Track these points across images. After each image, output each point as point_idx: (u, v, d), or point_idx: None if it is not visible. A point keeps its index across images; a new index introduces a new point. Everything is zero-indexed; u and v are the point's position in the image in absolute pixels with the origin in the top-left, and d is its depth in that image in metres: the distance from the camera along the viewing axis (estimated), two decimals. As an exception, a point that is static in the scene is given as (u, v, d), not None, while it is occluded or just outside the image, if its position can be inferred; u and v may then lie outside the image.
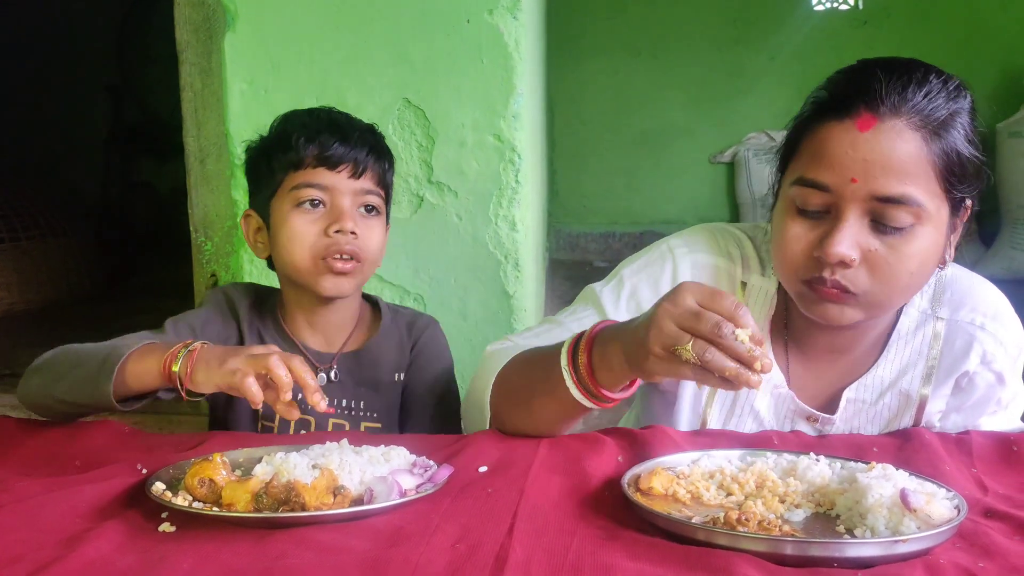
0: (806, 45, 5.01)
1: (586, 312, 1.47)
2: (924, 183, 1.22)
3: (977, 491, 1.15)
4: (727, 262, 1.45)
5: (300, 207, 1.58)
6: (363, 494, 1.09)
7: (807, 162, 1.27)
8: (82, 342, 1.47)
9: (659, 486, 1.10)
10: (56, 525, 1.02)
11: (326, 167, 1.57)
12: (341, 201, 1.58)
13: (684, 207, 5.44)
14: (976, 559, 0.94)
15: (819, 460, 1.16)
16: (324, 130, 1.59)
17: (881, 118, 1.21)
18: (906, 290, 1.28)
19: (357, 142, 1.60)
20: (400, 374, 1.73)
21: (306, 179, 1.58)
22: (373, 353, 1.71)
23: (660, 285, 1.44)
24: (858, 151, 1.21)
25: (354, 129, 1.62)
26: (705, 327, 1.05)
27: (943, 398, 1.42)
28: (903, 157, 1.20)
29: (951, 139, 1.23)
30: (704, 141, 5.33)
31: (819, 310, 1.28)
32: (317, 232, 1.57)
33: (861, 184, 1.21)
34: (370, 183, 1.61)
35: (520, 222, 2.20)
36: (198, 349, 1.31)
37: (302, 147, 1.57)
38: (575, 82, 5.28)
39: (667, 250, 1.47)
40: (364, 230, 1.60)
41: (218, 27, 2.26)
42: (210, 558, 0.94)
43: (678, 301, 1.08)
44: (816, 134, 1.26)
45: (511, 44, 2.12)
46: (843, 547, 0.94)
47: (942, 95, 1.23)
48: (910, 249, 1.23)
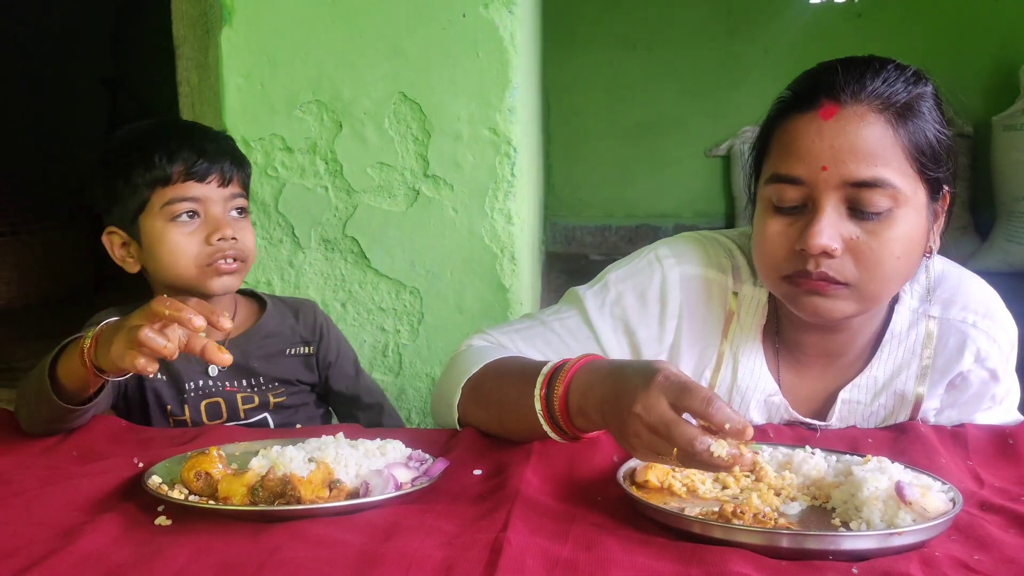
0: (800, 38, 5.01)
1: (570, 314, 1.46)
2: (896, 165, 1.22)
3: (973, 484, 1.15)
4: (717, 273, 1.44)
5: (176, 221, 1.62)
6: (359, 487, 1.09)
7: (778, 159, 1.28)
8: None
9: (654, 479, 1.10)
10: (52, 518, 1.02)
11: (195, 180, 1.62)
12: (215, 210, 1.64)
13: (680, 200, 5.44)
14: (972, 552, 0.95)
15: (815, 453, 1.16)
16: (185, 145, 1.62)
17: (843, 105, 1.22)
18: (894, 276, 1.27)
19: (218, 152, 1.65)
20: (297, 348, 1.80)
21: (177, 194, 1.61)
22: (262, 331, 1.76)
23: (647, 295, 1.43)
24: (824, 139, 1.22)
25: (211, 140, 1.68)
26: (680, 444, 0.98)
27: (938, 397, 1.42)
28: (870, 140, 1.21)
29: (918, 121, 1.24)
30: (699, 134, 5.33)
31: (809, 305, 1.27)
32: (198, 243, 1.62)
33: (832, 171, 1.22)
34: (237, 187, 1.68)
35: (516, 215, 2.20)
36: (100, 331, 1.23)
37: (167, 164, 1.61)
38: (570, 75, 5.27)
39: (655, 259, 1.45)
40: (240, 232, 1.65)
41: (215, 22, 2.26)
42: (206, 551, 0.94)
43: (650, 406, 1.01)
44: (783, 131, 1.28)
45: (506, 38, 2.12)
46: (839, 540, 0.94)
47: (900, 80, 1.24)
48: (891, 233, 1.23)
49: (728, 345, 1.43)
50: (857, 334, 1.40)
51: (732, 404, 1.42)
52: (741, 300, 1.43)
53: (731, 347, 1.43)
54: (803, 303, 1.28)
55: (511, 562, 0.89)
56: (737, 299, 1.43)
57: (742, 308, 1.43)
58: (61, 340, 1.31)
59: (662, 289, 1.43)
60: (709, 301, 1.43)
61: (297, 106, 2.19)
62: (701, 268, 1.44)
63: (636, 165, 5.44)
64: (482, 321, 2.23)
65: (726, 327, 1.43)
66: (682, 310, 1.42)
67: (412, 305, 2.23)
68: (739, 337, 1.43)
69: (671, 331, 1.43)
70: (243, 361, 1.72)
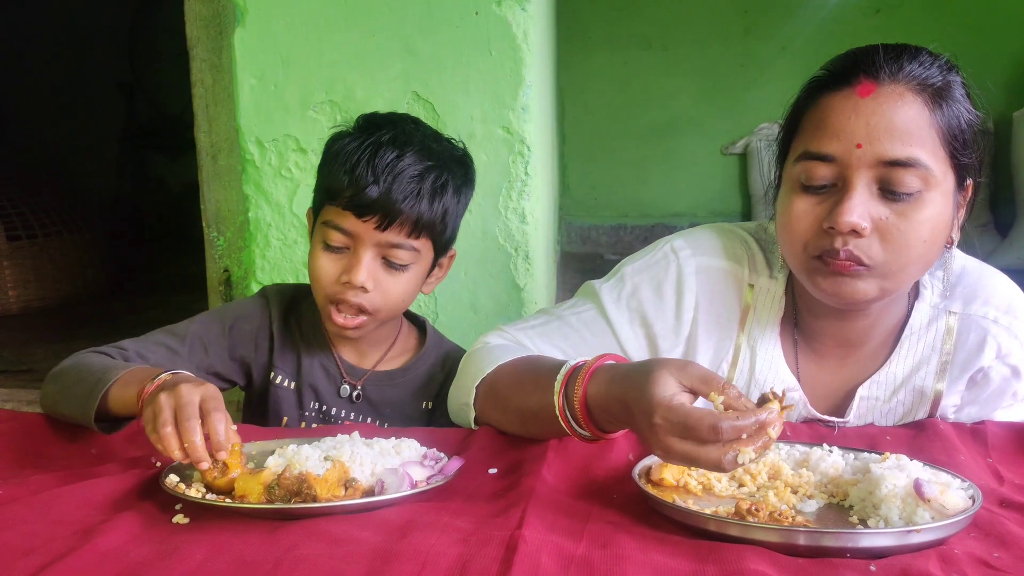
0: (817, 35, 4.98)
1: (586, 307, 1.46)
2: (930, 147, 1.21)
3: (993, 481, 1.14)
4: (734, 265, 1.43)
5: (325, 244, 1.53)
6: (374, 486, 1.09)
7: (810, 136, 1.26)
8: (97, 337, 1.48)
9: (670, 477, 1.10)
10: (70, 517, 1.03)
11: (354, 213, 1.48)
12: (362, 252, 1.50)
13: (695, 199, 5.42)
14: (991, 549, 0.94)
15: (832, 451, 1.15)
16: (365, 172, 1.47)
17: (880, 83, 1.22)
18: (918, 260, 1.26)
19: (396, 192, 1.47)
20: (428, 403, 1.70)
21: (334, 219, 1.51)
22: (407, 377, 1.68)
23: (663, 287, 1.43)
24: (860, 116, 1.21)
25: (397, 174, 1.48)
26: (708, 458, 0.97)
27: (958, 393, 1.40)
28: (906, 120, 1.21)
29: (952, 105, 1.23)
30: (715, 132, 5.30)
31: (832, 286, 1.26)
32: (334, 274, 1.52)
33: (866, 149, 1.21)
34: (400, 235, 1.50)
35: (530, 215, 2.20)
36: (162, 380, 1.22)
37: (340, 179, 1.49)
38: (584, 74, 5.26)
39: (671, 251, 1.45)
40: (383, 283, 1.53)
41: (228, 23, 2.26)
42: (223, 549, 0.94)
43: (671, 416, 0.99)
44: (817, 108, 1.26)
45: (520, 36, 2.12)
46: (856, 537, 0.93)
47: (936, 65, 1.24)
48: (920, 216, 1.22)
49: (745, 338, 1.42)
50: (876, 323, 1.38)
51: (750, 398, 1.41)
52: (757, 292, 1.42)
53: (748, 340, 1.42)
54: (826, 284, 1.26)
55: (526, 559, 0.89)
56: (753, 291, 1.42)
57: (758, 300, 1.42)
58: (79, 342, 1.32)
59: (678, 281, 1.42)
60: (726, 293, 1.42)
61: (310, 106, 2.19)
62: (717, 259, 1.43)
63: (651, 164, 5.42)
64: (496, 321, 2.23)
65: (743, 319, 1.42)
66: (698, 302, 1.42)
67: (427, 304, 2.23)
68: (756, 330, 1.42)
69: (687, 323, 1.42)
70: (377, 403, 1.66)
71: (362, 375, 1.67)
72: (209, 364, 1.61)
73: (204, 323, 1.63)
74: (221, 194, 2.42)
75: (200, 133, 2.43)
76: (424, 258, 1.56)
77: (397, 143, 1.50)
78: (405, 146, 1.50)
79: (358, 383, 1.66)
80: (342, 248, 1.52)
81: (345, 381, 1.65)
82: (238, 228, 2.40)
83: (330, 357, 1.67)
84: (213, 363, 1.62)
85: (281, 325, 1.67)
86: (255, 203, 2.24)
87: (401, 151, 1.49)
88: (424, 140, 1.54)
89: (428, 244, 1.55)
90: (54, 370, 1.45)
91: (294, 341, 1.67)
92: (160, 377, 1.23)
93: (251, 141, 2.21)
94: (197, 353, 1.59)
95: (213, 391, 1.16)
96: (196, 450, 1.09)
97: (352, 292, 1.51)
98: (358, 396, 1.65)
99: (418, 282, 1.58)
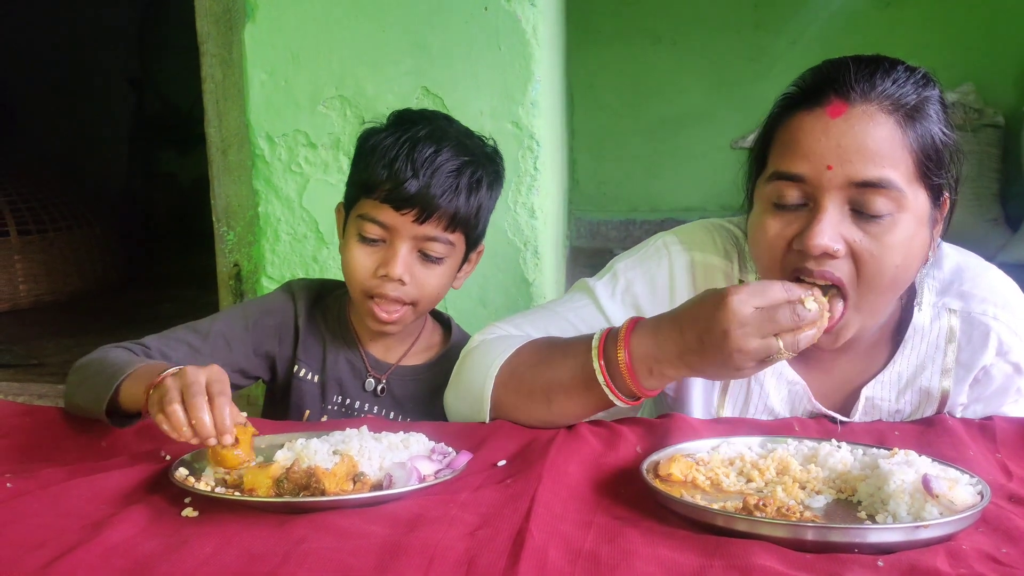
0: (828, 28, 4.95)
1: (582, 302, 1.46)
2: (902, 168, 1.20)
3: (1001, 476, 1.14)
4: (723, 260, 1.43)
5: (362, 235, 1.54)
6: (382, 480, 1.09)
7: (780, 156, 1.25)
8: (107, 332, 1.50)
9: (678, 472, 1.10)
10: (80, 510, 1.04)
11: (392, 206, 1.50)
12: (399, 244, 1.52)
13: (705, 193, 5.40)
14: (999, 544, 0.94)
15: (840, 447, 1.15)
16: (405, 165, 1.49)
17: (852, 103, 1.20)
18: (892, 286, 1.26)
19: (434, 185, 1.49)
20: None
21: (371, 212, 1.52)
22: (432, 373, 1.69)
23: (656, 281, 1.43)
24: (831, 137, 1.20)
25: (435, 168, 1.50)
26: (786, 324, 1.10)
27: (963, 392, 1.40)
28: (878, 140, 1.19)
29: (925, 124, 1.22)
30: (725, 127, 5.28)
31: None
32: (370, 267, 1.54)
33: (837, 170, 1.19)
34: (437, 228, 1.52)
35: (539, 209, 2.20)
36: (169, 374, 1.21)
37: (378, 173, 1.50)
38: (594, 69, 5.24)
39: (662, 246, 1.45)
40: (418, 276, 1.55)
41: (238, 18, 2.27)
42: (232, 542, 0.95)
43: (742, 318, 1.10)
44: (787, 127, 1.25)
45: (529, 31, 2.12)
46: (864, 532, 0.93)
47: (910, 82, 1.22)
48: (893, 239, 1.21)
49: None
50: (880, 326, 1.38)
51: (752, 393, 1.42)
52: None
53: None
54: None
55: (533, 553, 0.90)
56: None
57: None
58: (90, 337, 1.33)
59: (670, 275, 1.43)
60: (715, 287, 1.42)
61: (320, 102, 2.19)
62: (707, 255, 1.44)
63: (661, 159, 5.40)
64: (505, 314, 2.20)
65: None
66: (691, 296, 1.42)
67: (436, 299, 2.24)
68: None
69: None
70: (400, 393, 1.67)
71: (387, 369, 1.68)
72: (233, 361, 1.62)
73: (227, 320, 1.64)
74: (231, 189, 2.43)
75: (210, 128, 2.44)
76: (458, 252, 1.59)
77: (434, 138, 1.52)
78: (442, 141, 1.52)
79: (383, 377, 1.67)
80: (378, 241, 1.54)
81: (370, 375, 1.66)
82: (248, 223, 2.41)
83: (356, 351, 1.68)
84: (237, 360, 1.63)
85: (307, 319, 1.68)
86: (265, 198, 2.24)
87: (438, 146, 1.52)
88: (459, 136, 1.57)
89: (462, 238, 1.58)
90: (78, 363, 1.47)
91: (319, 335, 1.68)
92: (168, 370, 1.23)
93: (261, 136, 2.21)
94: (220, 351, 1.60)
95: (218, 373, 1.16)
96: (204, 426, 1.09)
97: (391, 285, 1.53)
98: (383, 390, 1.66)
99: (452, 275, 1.61)
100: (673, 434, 1.25)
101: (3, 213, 4.46)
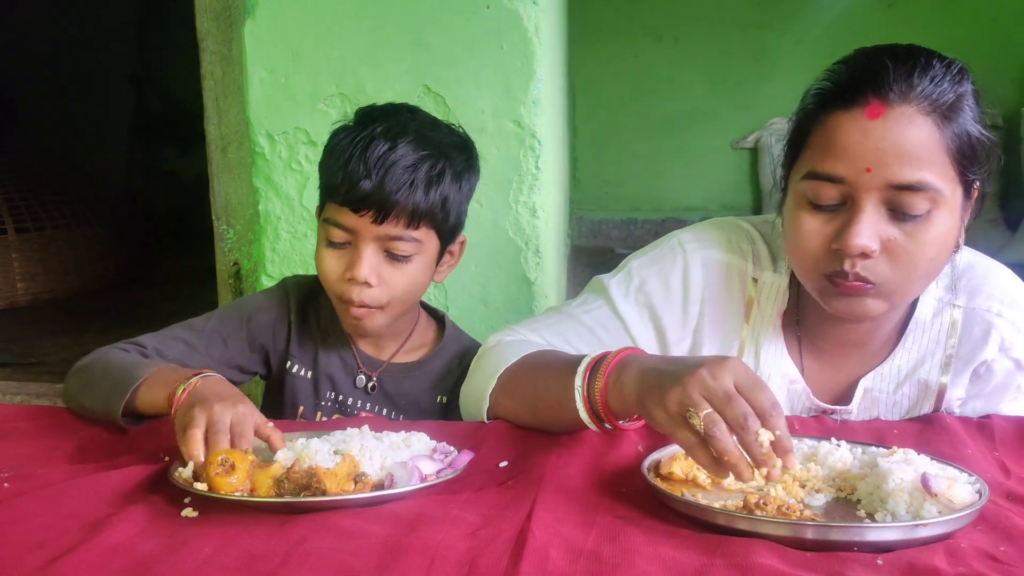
0: (831, 28, 4.95)
1: (596, 304, 1.46)
2: (939, 168, 1.20)
3: (1000, 474, 1.14)
4: (739, 259, 1.43)
5: (328, 241, 1.54)
6: (383, 479, 1.09)
7: (817, 155, 1.24)
8: (106, 330, 1.50)
9: (679, 471, 1.10)
10: (80, 511, 1.03)
11: (350, 208, 1.48)
12: (362, 247, 1.50)
13: (707, 193, 5.41)
14: (997, 542, 0.94)
15: (840, 445, 1.15)
16: (358, 166, 1.46)
17: (890, 105, 1.19)
18: (925, 277, 1.27)
19: (390, 183, 1.46)
20: (443, 397, 1.70)
21: (334, 216, 1.51)
22: (423, 370, 1.68)
23: (670, 280, 1.43)
24: (870, 140, 1.19)
25: (390, 165, 1.47)
26: (732, 414, 0.98)
27: (962, 387, 1.40)
28: (916, 143, 1.18)
29: (961, 121, 1.21)
30: (727, 126, 5.28)
31: (842, 306, 1.26)
32: (339, 271, 1.53)
33: (876, 173, 1.19)
34: (398, 227, 1.49)
35: (541, 208, 2.20)
36: (192, 387, 1.24)
37: (335, 175, 1.50)
38: (596, 67, 5.24)
39: (677, 245, 1.45)
40: (387, 276, 1.52)
41: (238, 15, 2.27)
42: (232, 542, 0.95)
43: (717, 375, 1.01)
44: (824, 126, 1.24)
45: (530, 29, 2.11)
46: (863, 531, 0.94)
47: (947, 79, 1.21)
48: (928, 236, 1.21)
49: (749, 331, 1.42)
50: (882, 324, 1.38)
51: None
52: (761, 287, 1.42)
53: (752, 334, 1.42)
54: (837, 304, 1.27)
55: (535, 553, 0.90)
56: (757, 286, 1.42)
57: (762, 295, 1.42)
58: (88, 335, 1.34)
59: (684, 274, 1.42)
60: (730, 286, 1.43)
61: (321, 99, 2.19)
62: (722, 253, 1.43)
63: (663, 158, 5.40)
64: (507, 314, 2.23)
65: (747, 313, 1.43)
66: (704, 295, 1.42)
67: (437, 297, 2.24)
68: (759, 324, 1.42)
69: (694, 316, 1.43)
70: (393, 390, 1.67)
71: (379, 366, 1.67)
72: (229, 358, 1.62)
73: (222, 317, 1.65)
74: (231, 187, 2.43)
75: (210, 126, 2.44)
76: (428, 248, 1.56)
77: (390, 134, 1.49)
78: (398, 137, 1.49)
79: (374, 374, 1.67)
80: (344, 244, 1.52)
81: (362, 371, 1.66)
82: (248, 221, 2.41)
83: (348, 348, 1.68)
84: (233, 356, 1.63)
85: (299, 315, 1.68)
86: (265, 196, 2.24)
87: (394, 142, 1.48)
88: (420, 129, 1.53)
89: (431, 233, 1.55)
90: (78, 365, 1.47)
91: (312, 331, 1.68)
92: (190, 382, 1.25)
93: (261, 134, 2.21)
94: (216, 348, 1.61)
95: (242, 414, 1.18)
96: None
97: (357, 288, 1.51)
98: (373, 387, 1.66)
99: (425, 272, 1.58)
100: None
101: (0, 211, 4.46)
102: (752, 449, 0.97)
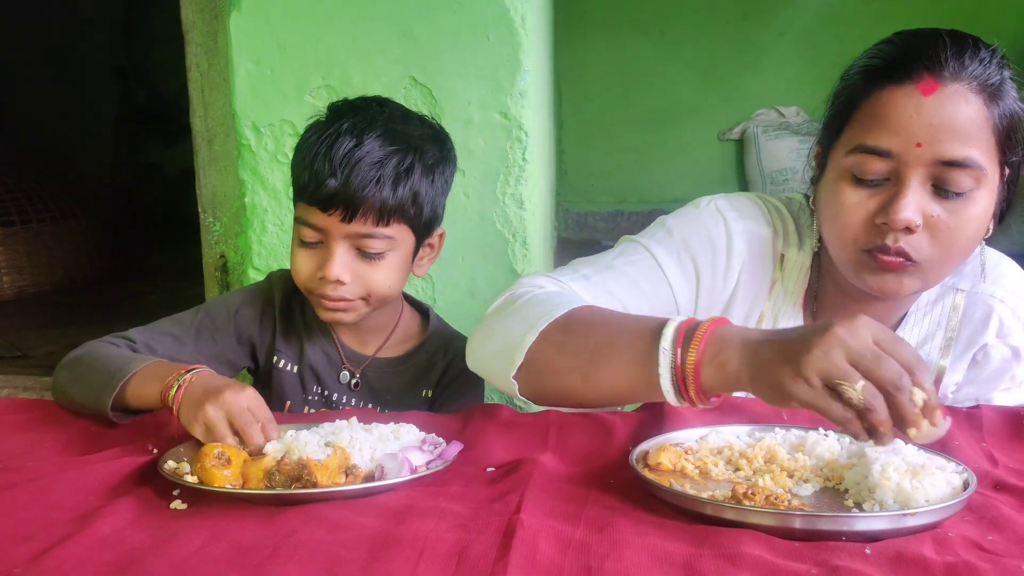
0: (816, 21, 4.96)
1: (639, 255, 1.40)
2: (985, 146, 1.22)
3: (987, 464, 1.15)
4: (772, 233, 1.43)
5: (300, 241, 1.53)
6: (373, 471, 1.09)
7: (865, 130, 1.25)
8: (92, 323, 1.50)
9: (667, 462, 1.10)
10: (68, 503, 1.03)
11: (318, 207, 1.47)
12: (333, 246, 1.49)
13: (693, 185, 5.40)
14: (985, 532, 0.95)
15: (828, 435, 1.16)
16: (324, 165, 1.45)
17: (944, 82, 1.21)
18: (960, 256, 1.28)
19: (356, 181, 1.44)
20: (428, 391, 1.69)
21: (304, 216, 1.50)
22: (407, 364, 1.68)
23: (716, 242, 1.40)
24: (923, 115, 1.20)
25: (353, 162, 1.45)
26: (887, 375, 0.91)
27: (960, 371, 1.42)
28: (967, 120, 1.20)
29: (1008, 102, 1.24)
30: (712, 118, 5.29)
31: (879, 282, 1.27)
32: (312, 270, 1.51)
33: (926, 148, 1.20)
34: (367, 225, 1.47)
35: (527, 200, 2.20)
36: (188, 383, 1.23)
37: (303, 174, 1.49)
38: (581, 59, 5.24)
39: (716, 211, 1.42)
40: (361, 274, 1.51)
41: (223, 7, 2.25)
42: (221, 534, 0.95)
43: (857, 334, 0.93)
44: (874, 100, 1.25)
45: (517, 20, 2.11)
46: (851, 520, 0.94)
47: (993, 63, 1.24)
48: (969, 213, 1.23)
49: (770, 306, 1.42)
50: (900, 307, 1.40)
51: None
52: (786, 264, 1.43)
53: (772, 309, 1.43)
54: (872, 280, 1.27)
55: (524, 544, 0.90)
56: (783, 262, 1.42)
57: (786, 271, 1.42)
58: (74, 328, 1.33)
59: (728, 239, 1.41)
60: (763, 260, 1.43)
61: (307, 91, 2.18)
62: (761, 226, 1.43)
63: (649, 150, 5.41)
64: (494, 306, 2.23)
65: (771, 288, 1.43)
66: (743, 264, 1.42)
67: (424, 290, 2.23)
68: (781, 300, 1.43)
69: (732, 284, 1.42)
70: (377, 385, 1.66)
71: (363, 361, 1.67)
72: (218, 352, 1.62)
73: (209, 312, 1.64)
74: (217, 179, 2.42)
75: (195, 118, 2.43)
76: (402, 243, 1.54)
77: (356, 130, 1.47)
78: (365, 132, 1.47)
79: (358, 370, 1.66)
80: (316, 244, 1.51)
81: (345, 367, 1.66)
82: (234, 213, 2.40)
83: (331, 343, 1.67)
84: (222, 350, 1.63)
85: (284, 309, 1.67)
86: (251, 188, 2.23)
87: (360, 139, 1.46)
88: (388, 123, 1.51)
89: (404, 229, 1.53)
90: (67, 358, 1.46)
91: (297, 325, 1.67)
92: (184, 378, 1.24)
93: (247, 126, 2.20)
94: (204, 342, 1.60)
95: (254, 400, 1.19)
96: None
97: (330, 287, 1.50)
98: (356, 384, 1.66)
99: (401, 267, 1.56)
100: (662, 423, 1.25)
101: (-14, 205, 4.44)
102: (906, 411, 0.92)
